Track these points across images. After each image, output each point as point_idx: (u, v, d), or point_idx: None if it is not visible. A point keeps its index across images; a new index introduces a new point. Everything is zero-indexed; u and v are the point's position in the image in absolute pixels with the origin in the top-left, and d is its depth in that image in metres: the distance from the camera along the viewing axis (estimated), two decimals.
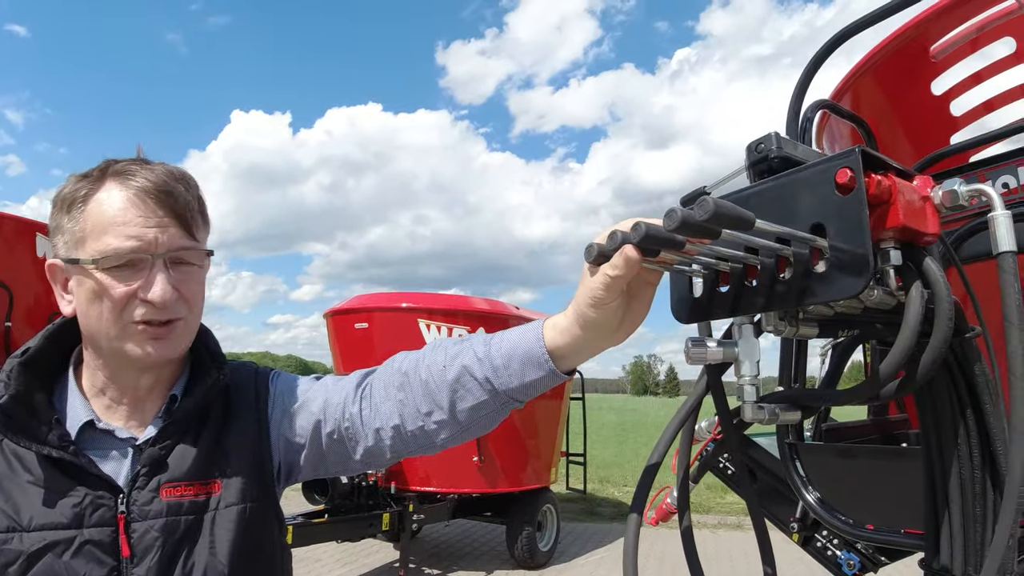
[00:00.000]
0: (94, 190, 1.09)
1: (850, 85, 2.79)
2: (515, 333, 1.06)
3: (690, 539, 1.09)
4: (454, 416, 1.09)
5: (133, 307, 1.07)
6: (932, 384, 1.03)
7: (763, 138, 0.86)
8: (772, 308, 0.78)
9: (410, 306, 6.95)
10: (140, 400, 1.16)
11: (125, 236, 1.05)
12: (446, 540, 9.00)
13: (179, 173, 1.14)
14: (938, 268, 0.76)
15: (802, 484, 1.82)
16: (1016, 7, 2.26)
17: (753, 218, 0.68)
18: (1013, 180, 1.74)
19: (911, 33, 2.46)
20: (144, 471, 1.09)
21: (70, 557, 1.02)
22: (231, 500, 1.12)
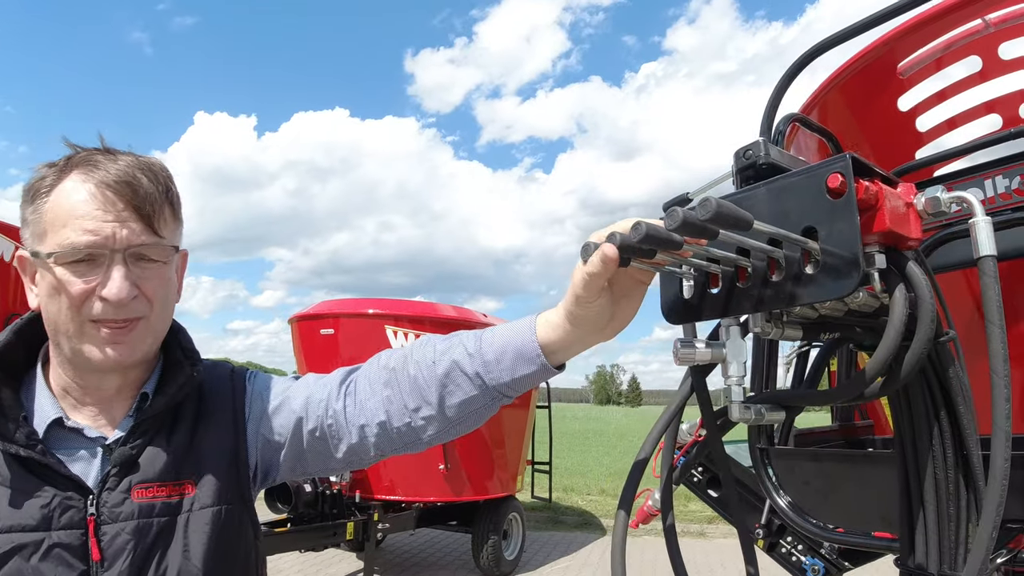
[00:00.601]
0: (57, 181, 1.05)
1: (819, 99, 2.85)
2: (507, 329, 1.07)
3: (673, 538, 1.11)
4: (442, 412, 1.09)
5: (91, 305, 1.03)
6: (907, 387, 1.06)
7: (751, 144, 0.88)
8: (763, 309, 0.80)
9: (377, 312, 6.91)
10: (107, 400, 1.13)
11: (82, 230, 1.01)
12: (410, 550, 8.94)
13: (147, 164, 1.09)
14: (921, 272, 0.79)
15: (773, 488, 1.86)
16: (982, 27, 2.34)
17: (751, 219, 0.70)
18: (980, 193, 1.80)
19: (879, 51, 2.53)
20: (114, 472, 1.06)
21: (38, 560, 0.98)
22: (205, 502, 1.10)
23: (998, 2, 2.19)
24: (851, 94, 2.74)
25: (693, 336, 0.98)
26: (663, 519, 1.13)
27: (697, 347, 0.89)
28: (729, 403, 0.89)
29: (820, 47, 2.26)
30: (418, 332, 6.77)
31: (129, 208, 1.04)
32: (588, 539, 9.72)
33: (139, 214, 1.05)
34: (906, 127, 2.56)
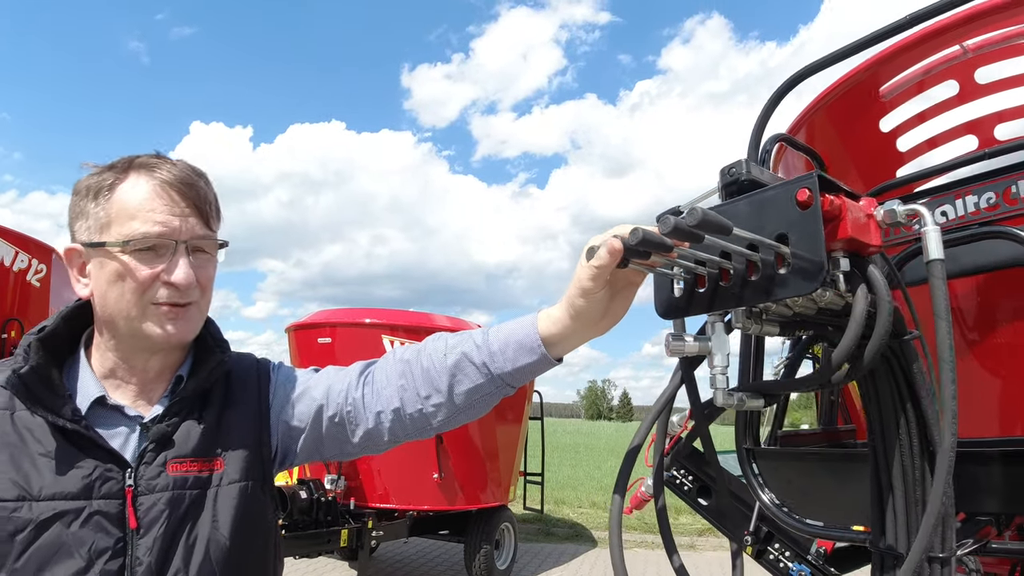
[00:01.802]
0: (120, 179, 1.17)
1: (806, 120, 2.99)
2: (512, 323, 1.19)
3: (665, 519, 1.22)
4: (451, 399, 1.20)
5: (155, 289, 1.15)
6: (877, 381, 1.19)
7: (735, 163, 1.01)
8: (744, 304, 0.92)
9: (373, 322, 7.02)
10: (147, 381, 1.24)
11: (153, 222, 1.14)
12: (403, 559, 9.00)
13: (198, 170, 1.23)
14: (880, 274, 0.91)
15: (758, 486, 1.97)
16: (960, 53, 2.48)
17: (731, 226, 0.82)
18: (952, 211, 1.93)
19: (862, 75, 2.67)
20: (151, 447, 1.16)
21: (78, 527, 1.08)
22: (233, 477, 1.20)
23: (975, 30, 2.33)
24: (836, 115, 2.88)
25: (682, 331, 1.10)
26: (655, 501, 1.25)
27: (686, 340, 1.01)
28: (714, 390, 1.01)
29: (805, 72, 2.40)
30: (415, 342, 6.87)
31: (191, 206, 1.18)
32: (579, 550, 9.79)
33: (198, 211, 1.19)
34: (888, 147, 2.70)
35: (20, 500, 1.07)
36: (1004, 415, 2.18)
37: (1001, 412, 2.18)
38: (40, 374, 1.13)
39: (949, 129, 2.66)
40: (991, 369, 2.20)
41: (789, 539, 2.89)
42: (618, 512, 1.15)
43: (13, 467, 1.09)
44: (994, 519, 1.79)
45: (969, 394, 2.29)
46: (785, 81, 2.39)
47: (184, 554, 1.13)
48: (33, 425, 1.12)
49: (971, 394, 2.28)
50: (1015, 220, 1.78)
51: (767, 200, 0.89)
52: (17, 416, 1.13)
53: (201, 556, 1.14)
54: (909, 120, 2.69)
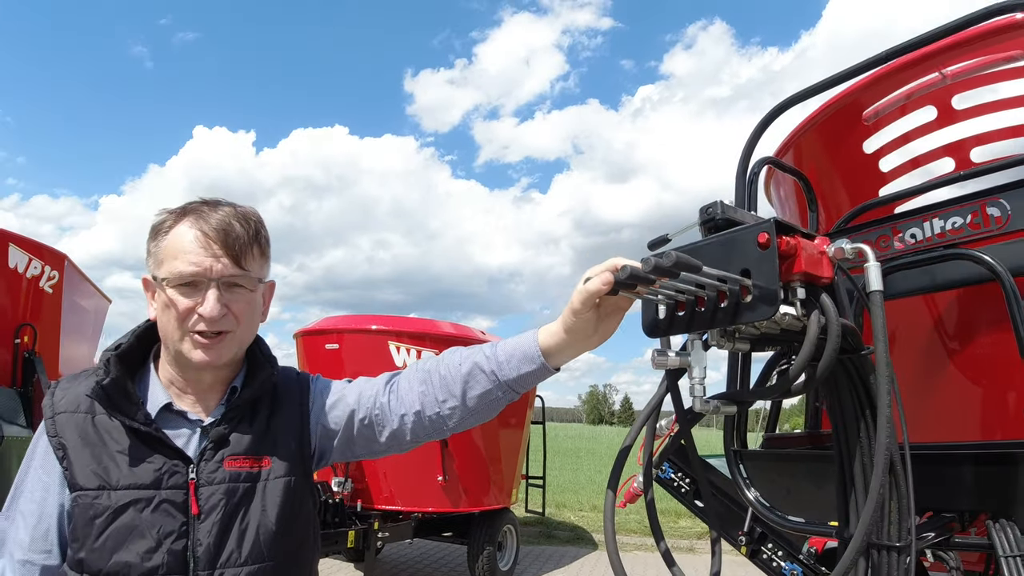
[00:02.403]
0: (173, 224, 1.38)
1: (794, 141, 3.16)
2: (516, 337, 1.39)
3: (653, 510, 1.40)
4: (465, 403, 1.39)
5: (191, 319, 1.34)
6: (839, 390, 1.36)
7: (711, 204, 1.18)
8: (716, 326, 1.10)
9: (380, 328, 7.18)
10: (203, 391, 1.43)
11: (188, 263, 1.33)
12: (407, 561, 9.15)
13: (242, 214, 1.41)
14: (830, 302, 1.08)
15: (744, 485, 2.14)
16: (938, 79, 2.64)
17: (700, 265, 1.00)
18: (920, 232, 2.09)
19: (846, 99, 2.84)
20: (210, 446, 1.36)
21: (149, 512, 1.28)
22: (279, 473, 1.40)
23: (953, 58, 2.50)
24: (822, 137, 3.05)
25: (667, 348, 1.27)
26: (645, 494, 1.42)
27: (669, 355, 1.19)
28: (693, 398, 1.19)
29: (790, 101, 2.59)
30: (419, 348, 7.04)
31: (223, 248, 1.35)
32: (580, 553, 9.94)
33: (229, 253, 1.36)
34: (871, 167, 2.86)
35: (100, 489, 1.28)
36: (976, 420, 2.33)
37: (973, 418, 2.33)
38: (118, 384, 1.34)
39: (927, 152, 2.83)
40: (964, 378, 2.36)
41: (781, 539, 3.05)
42: (611, 505, 1.33)
43: (95, 462, 1.30)
44: (958, 515, 1.95)
45: (940, 401, 2.47)
46: (771, 110, 2.57)
47: (237, 536, 1.32)
48: (111, 427, 1.33)
49: (942, 401, 2.46)
50: (978, 243, 1.93)
51: (735, 240, 1.07)
52: (97, 419, 1.34)
53: (252, 538, 1.33)
54: (891, 142, 2.86)
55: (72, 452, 1.31)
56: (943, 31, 2.05)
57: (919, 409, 2.58)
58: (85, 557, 1.26)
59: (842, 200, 2.96)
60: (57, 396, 1.38)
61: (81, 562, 1.26)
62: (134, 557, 1.25)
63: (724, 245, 1.09)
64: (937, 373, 2.44)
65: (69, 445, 1.31)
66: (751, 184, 2.63)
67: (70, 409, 1.35)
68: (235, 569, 1.30)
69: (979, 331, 2.26)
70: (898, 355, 2.69)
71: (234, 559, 1.31)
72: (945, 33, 2.04)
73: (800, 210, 3.08)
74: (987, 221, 1.92)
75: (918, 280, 2.19)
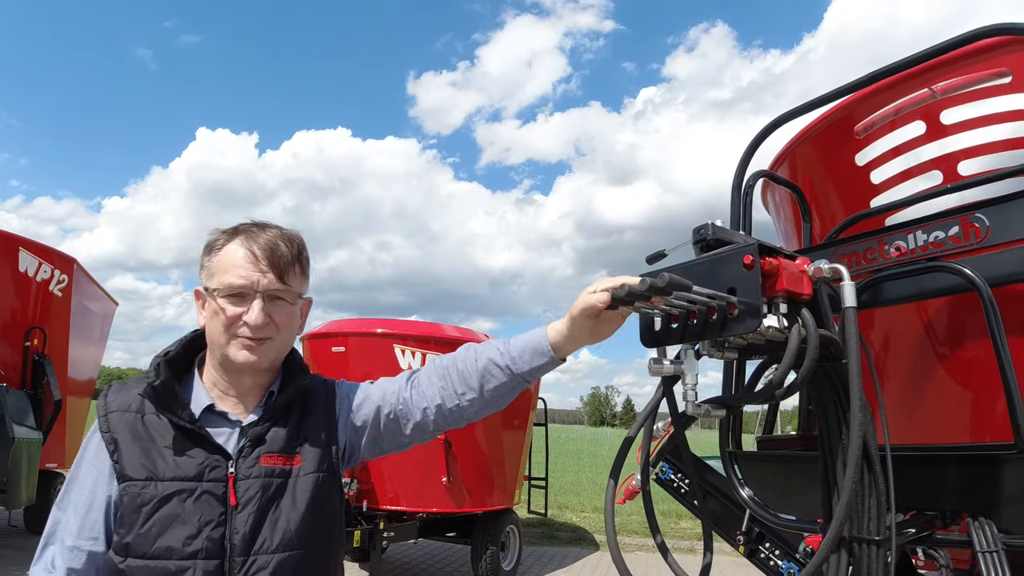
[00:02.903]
0: (226, 242, 1.53)
1: (789, 153, 3.27)
2: (526, 334, 1.53)
3: (649, 502, 1.52)
4: (482, 394, 1.54)
5: (238, 326, 1.49)
6: (823, 395, 1.47)
7: (703, 226, 1.30)
8: (705, 338, 1.22)
9: (385, 332, 7.30)
10: (243, 394, 1.57)
11: (238, 276, 1.48)
12: (411, 561, 9.27)
13: (287, 235, 1.57)
14: (810, 315, 1.20)
15: (739, 484, 2.25)
16: (928, 95, 2.76)
17: (691, 284, 1.12)
18: (904, 244, 2.20)
19: (840, 113, 2.95)
20: (248, 444, 1.49)
21: (192, 502, 1.41)
22: (309, 469, 1.53)
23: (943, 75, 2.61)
24: (817, 149, 3.16)
25: (663, 356, 1.39)
26: (643, 488, 1.54)
27: (664, 364, 1.31)
28: (686, 402, 1.30)
29: (784, 117, 2.70)
30: (424, 351, 7.15)
31: (269, 265, 1.50)
32: (582, 553, 10.04)
33: (275, 269, 1.51)
34: (863, 179, 2.97)
35: (148, 480, 1.41)
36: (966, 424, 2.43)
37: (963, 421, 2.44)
38: (167, 387, 1.48)
39: (917, 164, 2.94)
40: (955, 382, 2.47)
41: (778, 538, 3.16)
42: (611, 494, 1.45)
43: (143, 455, 1.43)
44: (940, 514, 2.06)
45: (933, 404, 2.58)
46: (765, 126, 2.69)
47: (270, 526, 1.45)
48: (159, 425, 1.47)
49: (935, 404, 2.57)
50: (959, 255, 2.04)
51: (723, 260, 1.19)
52: (147, 418, 1.48)
53: (283, 528, 1.45)
54: (882, 155, 2.97)
55: (123, 446, 1.44)
56: (932, 52, 2.15)
57: (913, 412, 2.70)
58: (131, 542, 1.38)
59: (836, 210, 3.06)
60: (110, 398, 1.51)
61: (127, 546, 1.38)
62: (176, 542, 1.38)
63: (713, 264, 1.21)
64: (930, 378, 2.55)
65: (120, 440, 1.45)
66: (746, 197, 2.74)
67: (122, 408, 1.49)
68: (267, 556, 1.43)
69: (969, 337, 2.35)
70: (893, 360, 2.81)
71: (267, 546, 1.43)
72: (934, 54, 2.15)
73: (796, 220, 3.19)
74: (967, 235, 2.03)
75: (909, 288, 2.30)
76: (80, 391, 10.21)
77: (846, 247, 2.30)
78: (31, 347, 8.36)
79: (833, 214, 3.04)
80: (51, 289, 8.85)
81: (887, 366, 2.76)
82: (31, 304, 8.64)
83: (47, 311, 8.81)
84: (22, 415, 7.46)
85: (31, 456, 7.34)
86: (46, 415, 8.21)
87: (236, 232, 1.54)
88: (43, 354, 8.42)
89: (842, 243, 2.33)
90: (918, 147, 2.85)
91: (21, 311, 8.51)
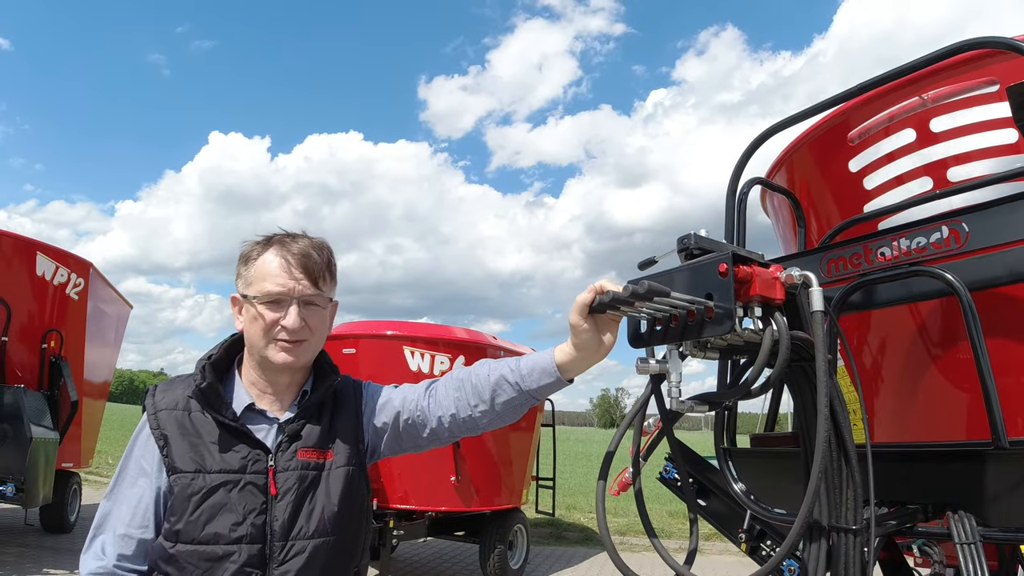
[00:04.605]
0: (262, 252, 1.66)
1: (786, 159, 3.37)
2: (535, 355, 1.64)
3: (641, 501, 1.63)
4: (493, 407, 1.65)
5: (276, 329, 1.61)
6: (802, 392, 1.57)
7: (687, 236, 1.41)
8: (686, 339, 1.33)
9: (395, 334, 7.42)
10: (280, 392, 1.70)
11: (275, 284, 1.61)
12: (420, 560, 9.38)
13: (317, 244, 1.70)
14: (782, 318, 1.30)
15: (732, 479, 2.35)
16: (919, 103, 2.85)
17: (669, 291, 1.23)
18: (888, 251, 2.30)
19: (834, 120, 3.05)
20: (286, 439, 1.63)
21: (236, 492, 1.55)
22: (340, 463, 1.66)
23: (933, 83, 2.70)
24: (812, 155, 3.26)
25: (650, 356, 1.50)
26: (633, 483, 1.65)
27: (651, 363, 1.42)
28: (670, 399, 1.41)
29: (777, 127, 2.81)
30: (433, 353, 7.26)
31: (303, 272, 1.63)
32: (589, 553, 10.14)
33: (309, 277, 1.64)
34: (856, 185, 3.06)
35: (196, 472, 1.55)
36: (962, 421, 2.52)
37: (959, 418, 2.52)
38: (212, 388, 1.62)
39: (908, 171, 3.03)
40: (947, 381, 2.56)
41: (780, 536, 3.24)
42: (602, 493, 1.56)
43: (192, 450, 1.57)
44: (923, 507, 2.16)
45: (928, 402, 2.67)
46: (759, 135, 2.79)
47: (307, 514, 1.58)
48: (204, 422, 1.61)
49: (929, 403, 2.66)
50: (940, 260, 2.12)
51: (701, 268, 1.30)
52: (193, 416, 1.62)
53: (318, 516, 1.59)
54: (874, 162, 3.06)
55: (172, 441, 1.58)
56: (922, 62, 2.24)
57: (911, 411, 2.79)
58: (182, 528, 1.52)
59: (832, 215, 3.16)
60: (158, 397, 1.66)
61: (178, 533, 1.52)
62: (223, 528, 1.52)
63: (694, 272, 1.31)
64: (926, 378, 2.64)
65: (170, 436, 1.59)
66: (740, 204, 2.84)
67: (170, 407, 1.63)
68: (304, 541, 1.56)
69: (960, 338, 2.43)
70: (888, 360, 2.90)
71: (303, 532, 1.57)
72: (924, 64, 2.23)
73: (793, 225, 3.28)
74: (948, 241, 2.12)
75: (897, 292, 2.39)
76: (96, 393, 10.38)
77: (834, 252, 2.39)
78: (48, 349, 8.52)
79: (830, 218, 3.13)
80: (68, 292, 9.02)
81: (883, 367, 2.86)
82: (48, 307, 8.80)
83: (64, 314, 8.98)
84: (39, 416, 7.61)
85: (48, 456, 7.49)
86: (63, 416, 8.37)
87: (270, 242, 1.67)
88: (60, 356, 8.58)
89: (830, 248, 2.42)
90: (909, 154, 2.95)
91: (38, 314, 8.67)
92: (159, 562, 1.54)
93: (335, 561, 1.61)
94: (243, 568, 1.51)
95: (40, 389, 8.30)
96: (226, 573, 1.50)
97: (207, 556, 1.51)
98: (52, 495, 7.79)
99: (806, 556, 1.61)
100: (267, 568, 1.53)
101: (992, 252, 2.06)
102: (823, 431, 1.27)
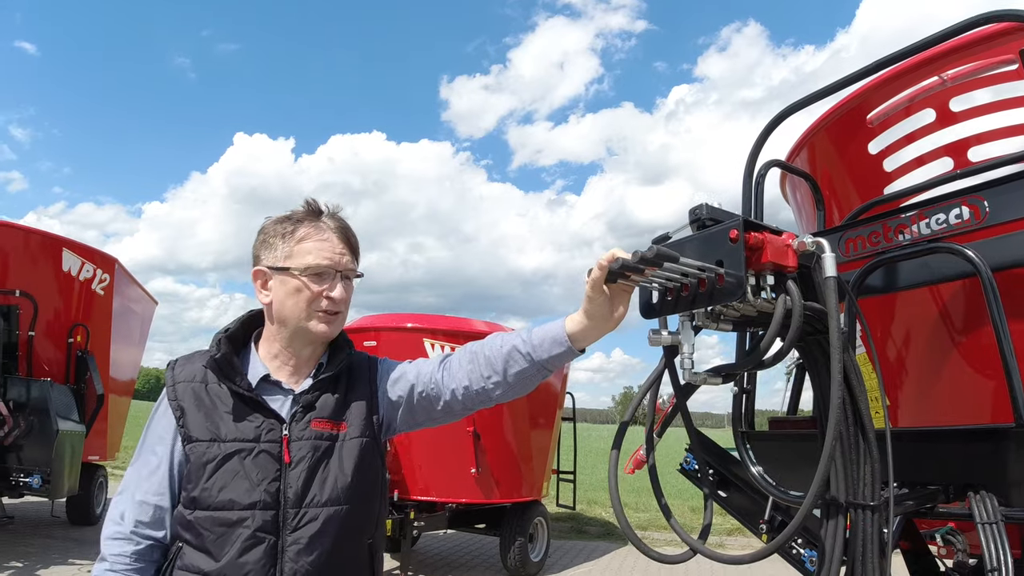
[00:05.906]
0: (300, 225, 1.70)
1: (806, 142, 3.34)
2: (547, 324, 1.64)
3: (654, 473, 1.62)
4: (505, 378, 1.66)
5: (320, 301, 1.67)
6: (818, 367, 1.56)
7: (698, 206, 1.40)
8: (696, 307, 1.32)
9: (415, 326, 7.46)
10: (300, 364, 1.74)
11: (323, 257, 1.67)
12: (441, 552, 9.42)
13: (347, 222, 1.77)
14: (795, 287, 1.29)
15: (750, 462, 2.34)
16: (938, 83, 2.81)
17: (678, 256, 1.22)
18: (907, 227, 2.26)
19: (853, 103, 3.01)
20: (300, 409, 1.66)
21: (251, 460, 1.59)
22: (353, 435, 1.69)
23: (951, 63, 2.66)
24: (831, 138, 3.23)
25: (662, 328, 1.49)
26: (647, 459, 1.64)
27: (663, 334, 1.41)
28: (683, 370, 1.40)
29: (792, 108, 2.78)
30: (453, 344, 7.28)
31: (346, 247, 1.72)
32: (610, 548, 10.11)
33: (351, 251, 1.74)
34: (876, 167, 3.03)
35: (212, 441, 1.59)
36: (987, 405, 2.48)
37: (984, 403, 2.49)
38: (227, 359, 1.66)
39: (928, 152, 2.99)
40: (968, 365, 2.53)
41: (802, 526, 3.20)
42: (615, 465, 1.55)
43: (207, 419, 1.62)
44: (943, 488, 2.13)
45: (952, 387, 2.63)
46: (774, 116, 2.77)
47: (320, 483, 1.61)
48: (221, 393, 1.65)
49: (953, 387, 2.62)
50: (961, 237, 2.09)
51: (712, 236, 1.29)
52: (210, 387, 1.66)
53: (331, 485, 1.62)
54: (894, 143, 3.02)
55: (188, 412, 1.63)
56: (940, 36, 2.19)
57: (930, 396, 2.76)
58: (198, 495, 1.56)
59: (852, 197, 3.12)
60: (177, 370, 1.71)
61: (194, 499, 1.56)
62: (238, 494, 1.55)
63: (705, 240, 1.30)
64: (946, 364, 2.61)
65: (186, 407, 1.64)
66: (757, 185, 2.82)
67: (187, 379, 1.68)
68: (316, 509, 1.59)
69: (982, 323, 2.40)
70: (911, 347, 2.87)
71: (316, 500, 1.59)
72: (942, 39, 2.18)
73: (812, 208, 3.25)
74: (968, 219, 2.09)
75: (917, 274, 2.35)
76: (121, 387, 10.52)
77: (852, 231, 2.36)
78: (74, 343, 8.66)
79: (850, 200, 3.10)
80: (93, 288, 9.15)
81: (906, 355, 2.82)
82: (74, 302, 8.93)
83: (89, 309, 9.11)
84: (66, 409, 7.73)
85: (74, 448, 7.61)
86: (89, 409, 8.49)
87: (308, 215, 1.73)
88: (86, 350, 8.71)
89: (848, 227, 2.40)
90: (929, 134, 2.91)
91: (64, 309, 8.81)
92: (180, 530, 1.59)
93: (348, 530, 1.63)
94: (256, 533, 1.54)
95: (67, 383, 8.42)
96: (240, 538, 1.53)
97: (222, 521, 1.54)
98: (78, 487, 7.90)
99: (823, 534, 1.60)
100: (280, 534, 1.56)
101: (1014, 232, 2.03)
102: (836, 397, 1.25)
